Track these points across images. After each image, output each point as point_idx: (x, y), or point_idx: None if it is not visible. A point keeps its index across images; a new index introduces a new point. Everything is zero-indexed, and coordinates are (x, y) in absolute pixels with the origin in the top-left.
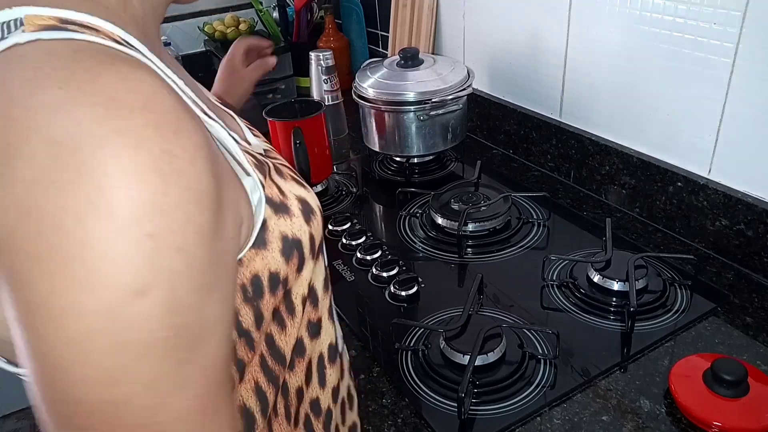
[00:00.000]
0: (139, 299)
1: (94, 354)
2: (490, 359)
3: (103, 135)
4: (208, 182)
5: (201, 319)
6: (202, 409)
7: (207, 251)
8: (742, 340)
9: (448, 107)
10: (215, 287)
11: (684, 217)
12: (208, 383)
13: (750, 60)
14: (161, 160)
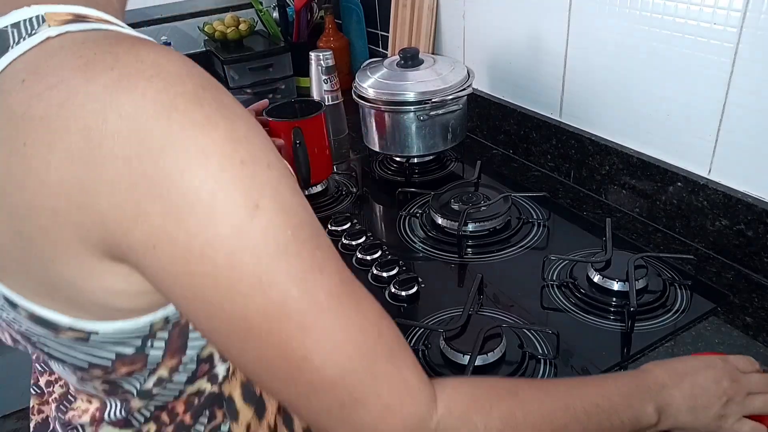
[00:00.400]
0: (258, 212)
1: (245, 266)
2: (490, 359)
3: (169, 101)
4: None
5: (308, 213)
6: (347, 290)
7: (284, 164)
8: (742, 340)
9: (448, 107)
10: (299, 191)
11: (684, 217)
12: (339, 265)
13: (750, 60)
14: (220, 107)
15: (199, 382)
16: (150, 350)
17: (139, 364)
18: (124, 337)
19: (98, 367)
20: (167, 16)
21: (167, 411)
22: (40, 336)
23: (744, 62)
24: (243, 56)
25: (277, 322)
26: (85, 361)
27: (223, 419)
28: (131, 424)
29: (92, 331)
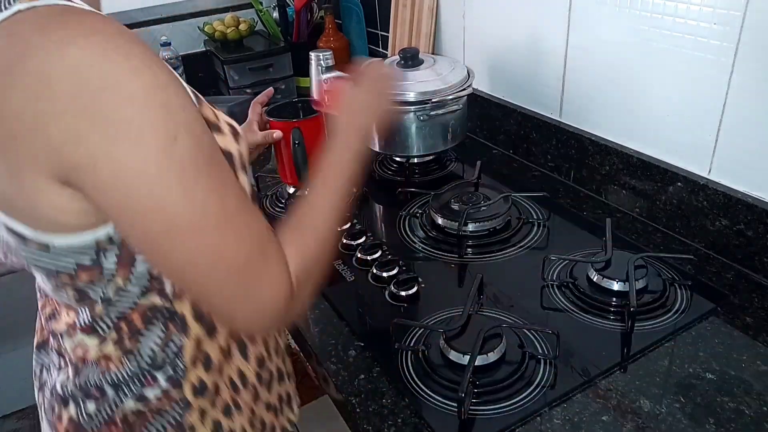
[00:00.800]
0: (175, 142)
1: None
2: (490, 359)
3: (105, 54)
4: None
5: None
6: (242, 208)
7: (197, 109)
8: (742, 340)
9: (448, 107)
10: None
11: (684, 217)
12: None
13: (750, 60)
14: (145, 60)
15: (151, 296)
16: (104, 262)
17: (97, 272)
18: (75, 250)
19: (65, 274)
20: (167, 16)
21: (126, 321)
22: (17, 246)
23: (744, 62)
24: (243, 56)
25: (183, 230)
26: (53, 268)
27: (175, 332)
28: (98, 332)
29: (49, 243)
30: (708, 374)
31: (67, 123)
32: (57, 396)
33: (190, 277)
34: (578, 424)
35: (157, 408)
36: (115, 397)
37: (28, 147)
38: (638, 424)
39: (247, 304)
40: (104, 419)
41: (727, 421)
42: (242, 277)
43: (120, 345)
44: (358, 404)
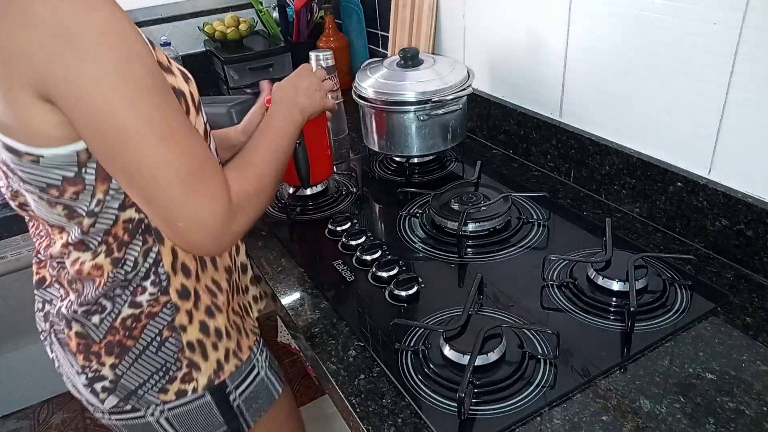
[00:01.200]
0: (128, 63)
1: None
2: (490, 359)
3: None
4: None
5: (162, 77)
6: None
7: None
8: (742, 340)
9: (448, 107)
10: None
11: (684, 217)
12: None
13: (750, 60)
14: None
15: (129, 211)
16: (86, 175)
17: (81, 185)
18: (60, 161)
19: (54, 188)
20: (167, 16)
21: (112, 235)
22: (13, 162)
23: (744, 62)
24: (243, 56)
25: (131, 138)
26: (43, 183)
27: (153, 243)
28: (89, 246)
29: (39, 154)
30: (708, 374)
31: (44, 47)
32: (63, 318)
33: (137, 182)
34: (578, 424)
35: (149, 312)
36: (112, 307)
37: (16, 68)
38: (638, 424)
39: (186, 214)
40: (107, 328)
41: (727, 421)
42: (182, 188)
43: (109, 255)
44: (358, 404)
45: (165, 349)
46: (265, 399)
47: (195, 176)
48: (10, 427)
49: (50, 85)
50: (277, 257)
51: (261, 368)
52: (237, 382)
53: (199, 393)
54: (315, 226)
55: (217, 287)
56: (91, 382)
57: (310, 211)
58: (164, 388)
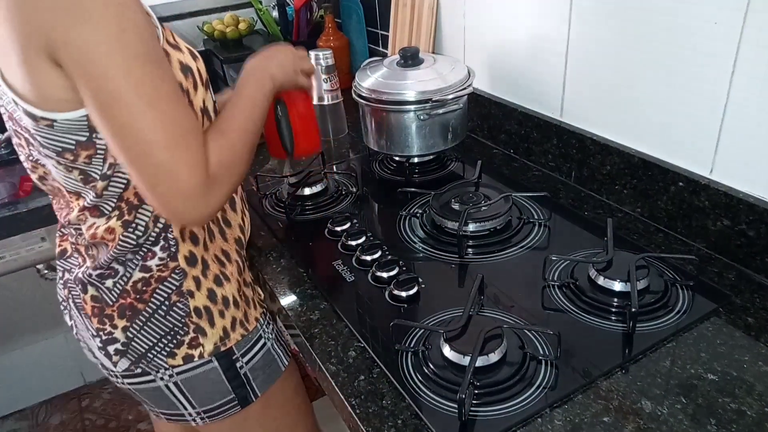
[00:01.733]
0: (124, 33)
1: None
2: (491, 360)
3: None
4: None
5: (158, 47)
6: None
7: (148, 20)
8: (744, 340)
9: (449, 107)
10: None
11: (685, 217)
12: (173, 81)
13: (752, 60)
14: None
15: None
16: (97, 140)
17: (92, 149)
18: (72, 126)
19: (68, 151)
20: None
21: (124, 200)
22: (32, 128)
23: (746, 62)
24: (242, 55)
25: (120, 100)
26: (58, 146)
27: None
28: (102, 211)
29: (53, 119)
30: (710, 375)
31: (54, 12)
32: (79, 283)
33: (124, 144)
34: (579, 425)
35: (159, 277)
36: (124, 271)
37: (30, 34)
38: (639, 425)
39: (166, 179)
40: (119, 291)
41: (729, 422)
42: (164, 153)
43: (121, 218)
44: (358, 405)
45: (173, 313)
46: (272, 370)
47: (177, 144)
48: (9, 427)
49: (56, 49)
50: (277, 257)
51: (268, 339)
52: (244, 350)
53: (206, 359)
54: (315, 226)
55: (225, 257)
56: (105, 345)
57: (310, 211)
58: (172, 352)
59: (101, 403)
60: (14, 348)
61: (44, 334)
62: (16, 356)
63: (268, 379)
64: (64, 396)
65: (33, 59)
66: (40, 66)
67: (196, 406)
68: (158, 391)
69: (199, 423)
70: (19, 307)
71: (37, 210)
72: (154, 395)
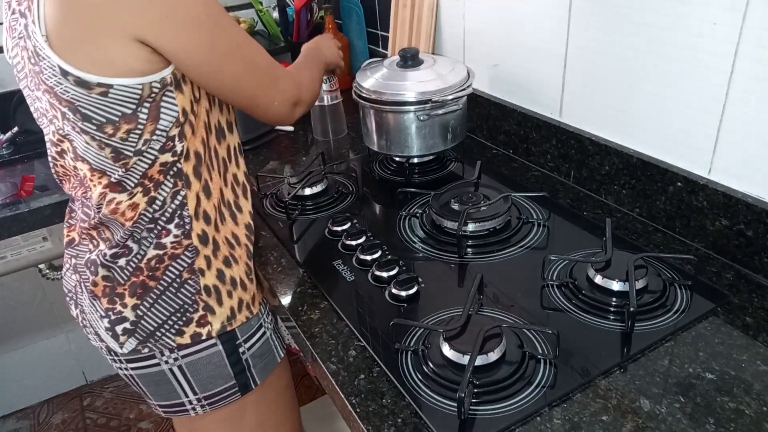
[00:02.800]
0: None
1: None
2: (490, 359)
3: None
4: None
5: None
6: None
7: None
8: (742, 340)
9: (448, 107)
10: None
11: (684, 217)
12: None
13: (750, 60)
14: None
15: (166, 155)
16: (140, 113)
17: (134, 123)
18: (126, 95)
19: (110, 124)
20: None
21: (147, 177)
22: (80, 96)
23: (744, 62)
24: None
25: (242, 44)
26: (103, 116)
27: (181, 187)
28: (125, 187)
29: (110, 84)
30: (708, 374)
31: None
32: (92, 264)
33: (251, 76)
34: (578, 424)
35: (172, 254)
36: (138, 249)
37: (114, 14)
38: (638, 424)
39: (280, 92)
40: (132, 269)
41: (727, 421)
42: (269, 76)
43: (147, 195)
44: (358, 404)
45: (184, 290)
46: (270, 359)
47: (274, 68)
48: (10, 426)
49: (153, 23)
50: (277, 257)
51: (267, 329)
52: (246, 335)
53: (213, 340)
54: (315, 226)
55: (235, 240)
56: (113, 324)
57: (310, 211)
58: (180, 330)
59: (102, 402)
60: (16, 347)
61: (46, 333)
62: (17, 355)
63: (266, 368)
64: (66, 395)
65: (111, 37)
66: (117, 43)
67: (197, 392)
68: (161, 375)
69: (198, 412)
70: (21, 307)
71: (38, 210)
72: (156, 380)
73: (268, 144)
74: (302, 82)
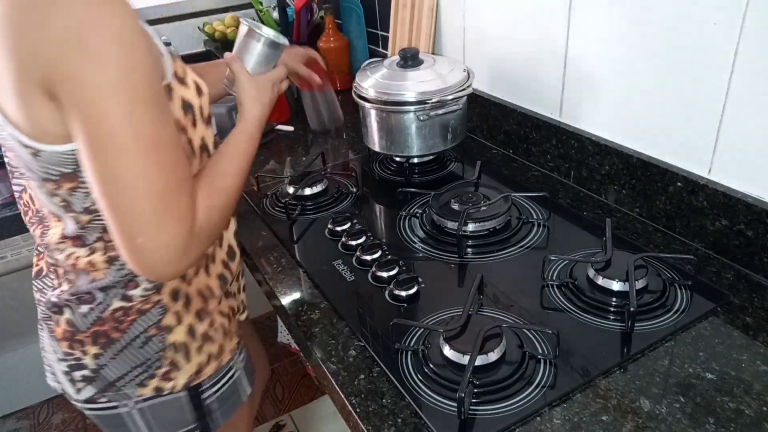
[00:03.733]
0: (133, 72)
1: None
2: (490, 359)
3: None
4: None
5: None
6: (166, 142)
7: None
8: (742, 340)
9: (448, 107)
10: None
11: (684, 217)
12: (170, 128)
13: (750, 59)
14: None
15: None
16: (80, 174)
17: (76, 181)
18: (59, 159)
19: (50, 181)
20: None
21: (108, 233)
22: (19, 151)
23: (744, 62)
24: None
25: (117, 145)
26: (43, 172)
27: None
28: (84, 242)
29: (40, 149)
30: (708, 374)
31: (56, 46)
32: (53, 306)
33: (110, 189)
34: (578, 424)
35: (140, 309)
36: (104, 298)
37: (30, 66)
38: (638, 424)
39: (149, 230)
40: (95, 318)
41: (727, 420)
42: (152, 203)
43: (105, 253)
44: (358, 404)
45: (149, 346)
46: (234, 400)
47: (168, 194)
48: (10, 426)
49: (57, 82)
50: (277, 257)
51: (237, 369)
52: (213, 381)
53: (176, 391)
54: (315, 226)
55: (210, 292)
56: (72, 370)
57: (310, 211)
58: (143, 383)
59: None
60: (16, 347)
61: None
62: (17, 355)
63: (229, 409)
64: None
65: (27, 90)
66: (33, 97)
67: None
68: (118, 418)
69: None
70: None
71: None
72: (114, 423)
73: (268, 144)
74: (210, 215)
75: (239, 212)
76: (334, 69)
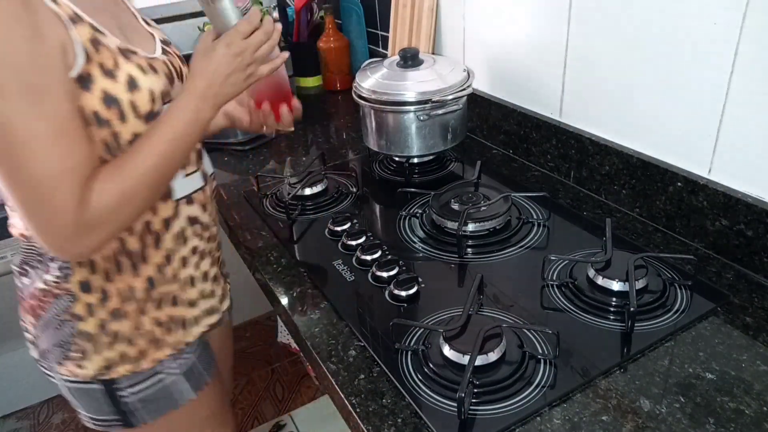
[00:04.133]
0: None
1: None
2: (490, 359)
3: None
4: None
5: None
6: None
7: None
8: (742, 340)
9: (448, 107)
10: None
11: (684, 217)
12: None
13: (750, 60)
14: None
15: None
16: None
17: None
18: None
19: None
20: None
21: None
22: None
23: (744, 62)
24: None
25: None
26: None
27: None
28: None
29: None
30: (708, 374)
31: None
32: (15, 271)
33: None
34: (578, 424)
35: (54, 293)
36: (34, 275)
37: None
38: (638, 424)
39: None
40: (29, 293)
41: (727, 420)
42: (33, 191)
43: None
44: (358, 404)
45: (64, 329)
46: (165, 403)
47: (48, 182)
48: (10, 426)
49: None
50: (277, 257)
51: (168, 375)
52: (131, 382)
53: (88, 380)
54: (315, 226)
55: (130, 293)
56: (25, 331)
57: (310, 211)
58: (61, 362)
59: None
60: (16, 347)
61: None
62: (17, 355)
63: (160, 409)
64: None
65: None
66: None
67: (84, 413)
68: (58, 387)
69: (92, 426)
70: None
71: None
72: (57, 388)
73: (268, 144)
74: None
75: (239, 212)
76: (334, 69)
